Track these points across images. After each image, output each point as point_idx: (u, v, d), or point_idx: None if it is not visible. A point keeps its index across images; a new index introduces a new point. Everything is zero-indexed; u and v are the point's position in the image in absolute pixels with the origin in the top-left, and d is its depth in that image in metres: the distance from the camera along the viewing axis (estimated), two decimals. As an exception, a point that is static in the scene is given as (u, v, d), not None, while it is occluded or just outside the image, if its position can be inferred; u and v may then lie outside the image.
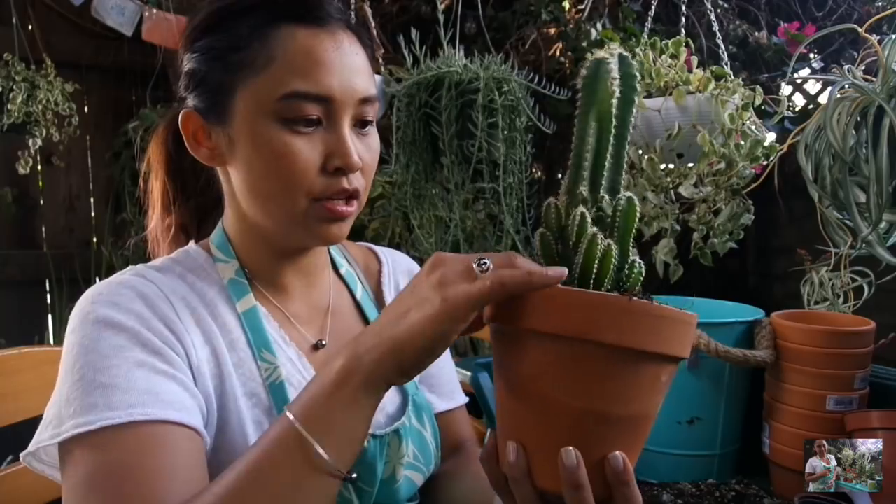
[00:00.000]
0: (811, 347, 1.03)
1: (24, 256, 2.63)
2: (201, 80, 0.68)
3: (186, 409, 0.60)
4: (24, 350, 0.92)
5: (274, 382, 0.68)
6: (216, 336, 0.67)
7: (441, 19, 1.53)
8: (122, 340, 0.60)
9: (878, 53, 1.03)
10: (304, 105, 0.64)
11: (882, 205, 1.00)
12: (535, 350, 0.49)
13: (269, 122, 0.64)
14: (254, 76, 0.65)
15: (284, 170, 0.65)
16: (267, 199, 0.67)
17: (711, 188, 1.32)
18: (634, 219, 0.53)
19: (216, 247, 0.74)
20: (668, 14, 2.09)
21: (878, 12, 1.71)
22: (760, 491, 1.08)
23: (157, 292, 0.65)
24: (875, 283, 1.23)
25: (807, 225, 1.32)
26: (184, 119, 0.70)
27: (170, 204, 0.81)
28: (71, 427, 0.57)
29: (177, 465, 0.56)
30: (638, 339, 0.47)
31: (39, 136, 2.28)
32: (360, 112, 0.68)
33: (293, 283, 0.76)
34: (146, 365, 0.60)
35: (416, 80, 1.47)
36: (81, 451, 0.56)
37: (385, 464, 0.72)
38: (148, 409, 0.57)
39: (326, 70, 0.65)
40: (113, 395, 0.57)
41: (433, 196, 1.55)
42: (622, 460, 0.49)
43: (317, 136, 0.66)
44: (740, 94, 1.29)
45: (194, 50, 0.69)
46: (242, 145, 0.66)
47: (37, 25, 2.47)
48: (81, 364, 0.59)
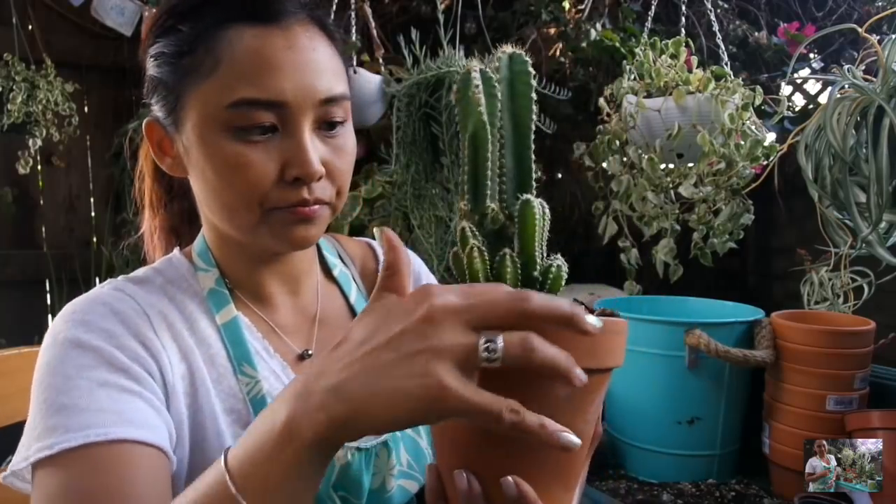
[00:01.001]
0: (811, 347, 1.03)
1: (24, 256, 2.62)
2: (156, 86, 0.65)
3: (150, 427, 0.58)
4: (24, 350, 0.92)
5: (255, 397, 0.66)
6: (193, 352, 0.65)
7: (441, 19, 1.53)
8: (87, 360, 0.59)
9: (877, 53, 1.03)
10: (254, 113, 0.59)
11: (882, 205, 1.01)
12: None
13: (220, 132, 0.60)
14: (201, 82, 0.60)
15: (238, 182, 0.60)
16: (223, 209, 0.64)
17: (711, 188, 1.32)
18: (533, 221, 0.49)
19: (197, 255, 0.71)
20: (668, 14, 2.09)
21: (877, 12, 1.71)
22: (760, 491, 1.08)
23: (134, 307, 0.63)
24: (875, 283, 1.23)
25: (807, 225, 1.32)
26: (147, 128, 0.67)
27: (157, 206, 0.79)
28: (34, 451, 0.56)
29: (136, 484, 0.55)
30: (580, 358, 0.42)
31: (39, 136, 2.28)
32: (324, 114, 0.63)
33: (275, 291, 0.73)
34: (110, 384, 0.58)
35: (416, 80, 1.47)
36: (44, 474, 0.55)
37: (373, 475, 0.70)
38: (107, 429, 0.55)
39: (277, 73, 0.60)
40: (72, 417, 0.56)
41: (433, 196, 1.55)
42: (514, 484, 0.44)
43: (273, 144, 0.61)
44: (740, 94, 1.29)
45: (150, 55, 0.65)
46: (195, 155, 0.63)
47: (37, 25, 2.47)
48: (45, 385, 0.58)
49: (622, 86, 1.44)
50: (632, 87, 1.43)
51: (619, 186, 1.42)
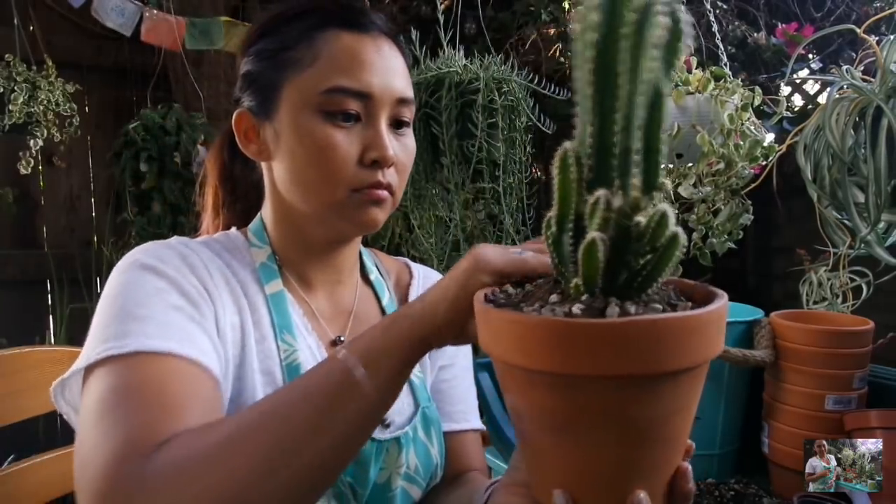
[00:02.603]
0: (810, 347, 1.03)
1: (25, 256, 2.63)
2: (254, 80, 0.73)
3: (213, 359, 0.62)
4: (24, 350, 0.92)
5: (291, 364, 0.70)
6: (245, 309, 0.70)
7: (441, 19, 1.54)
8: (162, 284, 0.63)
9: (876, 54, 1.04)
10: (344, 99, 0.68)
11: (881, 205, 1.01)
12: (558, 394, 0.41)
13: (312, 115, 0.68)
14: (300, 72, 0.69)
15: (325, 160, 0.68)
16: (307, 187, 0.71)
17: (711, 188, 1.32)
18: (676, 251, 0.42)
19: (252, 233, 0.78)
20: (668, 14, 2.09)
21: (876, 13, 1.71)
22: (760, 490, 1.08)
23: (196, 259, 0.69)
24: (874, 282, 1.23)
25: (806, 225, 1.32)
26: (237, 118, 0.74)
27: (219, 207, 0.86)
28: (103, 350, 0.57)
29: (198, 400, 0.58)
30: (663, 361, 0.39)
31: (40, 137, 2.28)
32: (397, 112, 0.72)
33: (320, 278, 0.79)
34: (183, 310, 0.62)
35: (416, 81, 1.47)
36: (108, 371, 0.57)
37: (381, 469, 0.72)
38: (182, 346, 0.59)
39: (367, 69, 0.69)
40: (150, 326, 0.59)
41: (433, 196, 1.55)
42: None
43: (355, 131, 0.69)
44: (739, 94, 1.30)
45: (249, 53, 0.74)
46: (286, 137, 0.70)
47: (38, 26, 2.47)
48: (123, 299, 0.61)
49: (622, 86, 1.44)
50: (631, 87, 1.43)
51: (618, 187, 1.42)
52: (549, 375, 0.40)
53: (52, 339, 2.63)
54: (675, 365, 0.39)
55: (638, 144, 0.40)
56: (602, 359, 0.38)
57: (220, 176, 0.85)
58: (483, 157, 1.46)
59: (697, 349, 0.40)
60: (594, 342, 0.38)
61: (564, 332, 0.39)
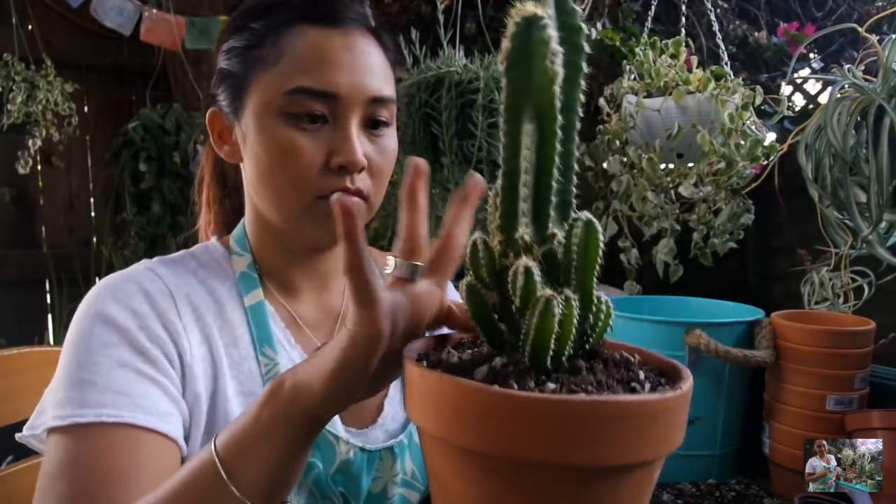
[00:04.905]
0: (811, 347, 1.03)
1: (24, 256, 2.62)
2: (224, 77, 0.71)
3: (161, 415, 0.60)
4: (24, 350, 0.92)
5: (273, 378, 0.67)
6: (214, 336, 0.68)
7: (441, 19, 1.53)
8: (111, 338, 0.61)
9: (878, 53, 1.03)
10: (308, 101, 0.64)
11: (882, 204, 1.00)
12: (476, 474, 0.36)
13: (275, 117, 0.65)
14: (265, 71, 0.66)
15: (287, 165, 0.65)
16: (274, 193, 0.68)
17: (711, 188, 1.32)
18: (597, 248, 0.39)
19: (234, 241, 0.76)
20: (668, 14, 2.09)
21: (878, 12, 1.70)
22: (760, 491, 1.08)
23: (161, 289, 0.66)
24: (875, 283, 1.22)
25: (807, 225, 1.32)
26: (210, 118, 0.72)
27: (212, 203, 0.85)
28: (49, 418, 0.59)
29: (140, 469, 0.56)
30: (611, 454, 0.33)
31: (39, 137, 2.28)
32: (371, 112, 0.68)
33: (304, 285, 0.76)
34: (129, 365, 0.60)
35: (416, 80, 1.47)
36: (55, 440, 0.58)
37: (374, 479, 0.70)
38: (120, 412, 0.58)
39: (333, 68, 0.65)
40: (88, 393, 0.58)
41: (433, 196, 1.55)
42: None
43: (322, 134, 0.66)
44: (740, 93, 1.29)
45: (222, 50, 0.72)
46: (251, 139, 0.67)
47: (36, 25, 2.46)
48: (71, 356, 0.61)
49: (622, 86, 1.44)
50: (632, 86, 1.43)
51: (618, 186, 1.42)
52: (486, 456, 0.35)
53: (51, 339, 2.63)
54: (616, 459, 0.33)
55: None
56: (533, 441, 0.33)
57: (212, 173, 0.84)
58: (483, 156, 1.46)
59: (654, 442, 0.34)
60: (523, 420, 0.33)
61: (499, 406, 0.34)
